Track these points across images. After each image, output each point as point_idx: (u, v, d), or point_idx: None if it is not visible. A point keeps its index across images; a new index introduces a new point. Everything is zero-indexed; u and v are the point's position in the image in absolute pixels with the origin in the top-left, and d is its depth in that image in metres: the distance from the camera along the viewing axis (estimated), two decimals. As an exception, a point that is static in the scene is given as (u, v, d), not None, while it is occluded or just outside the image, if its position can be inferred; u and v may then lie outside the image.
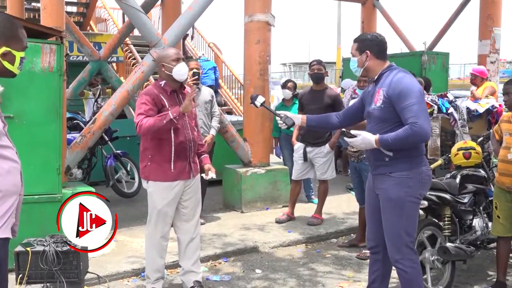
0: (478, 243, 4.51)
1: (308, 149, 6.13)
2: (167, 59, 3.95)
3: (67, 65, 5.09)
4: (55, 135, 4.74)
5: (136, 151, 4.88)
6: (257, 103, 3.83)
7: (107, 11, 15.87)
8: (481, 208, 4.66)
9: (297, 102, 6.71)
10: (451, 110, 6.63)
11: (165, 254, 4.17)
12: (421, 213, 4.54)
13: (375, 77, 3.44)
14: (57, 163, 4.74)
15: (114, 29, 14.90)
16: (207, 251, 5.12)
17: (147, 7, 8.89)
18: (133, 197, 7.33)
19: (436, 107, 6.59)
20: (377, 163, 3.42)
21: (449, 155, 4.89)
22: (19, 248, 3.86)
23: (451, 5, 11.74)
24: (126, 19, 10.99)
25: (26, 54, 2.48)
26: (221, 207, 7.04)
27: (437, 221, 4.35)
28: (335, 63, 31.49)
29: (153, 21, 13.52)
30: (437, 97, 6.80)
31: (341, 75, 11.49)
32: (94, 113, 7.90)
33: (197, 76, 5.75)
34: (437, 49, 10.66)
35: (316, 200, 6.76)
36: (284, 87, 7.73)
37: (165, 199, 3.96)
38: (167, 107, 3.88)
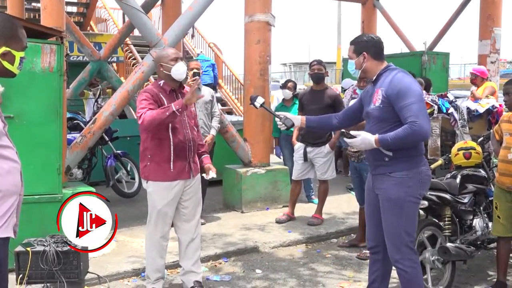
0: (478, 243, 4.51)
1: (308, 149, 6.13)
2: (165, 59, 3.95)
3: (67, 65, 5.09)
4: (55, 135, 4.74)
5: (136, 151, 4.87)
6: (257, 104, 3.82)
7: (107, 11, 15.88)
8: (481, 208, 4.66)
9: (297, 102, 6.71)
10: (451, 110, 6.63)
11: (165, 254, 4.17)
12: (422, 213, 4.55)
13: (374, 78, 3.46)
14: (57, 163, 4.75)
15: (114, 29, 14.91)
16: (207, 251, 5.12)
17: (147, 7, 8.89)
18: (133, 197, 7.33)
19: (436, 107, 6.58)
20: (376, 163, 3.42)
21: (449, 155, 4.89)
22: (20, 248, 3.86)
23: (451, 5, 11.74)
24: (126, 19, 10.98)
25: (26, 54, 2.48)
26: (221, 207, 7.04)
27: (437, 221, 4.35)
28: (335, 63, 31.50)
29: (153, 21, 13.54)
30: (437, 97, 6.79)
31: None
32: (94, 113, 7.90)
33: (197, 76, 5.75)
34: (437, 49, 10.66)
35: (316, 200, 6.76)
36: (284, 87, 7.72)
37: (165, 199, 3.96)
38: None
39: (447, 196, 4.24)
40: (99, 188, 6.39)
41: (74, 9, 14.18)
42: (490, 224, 4.57)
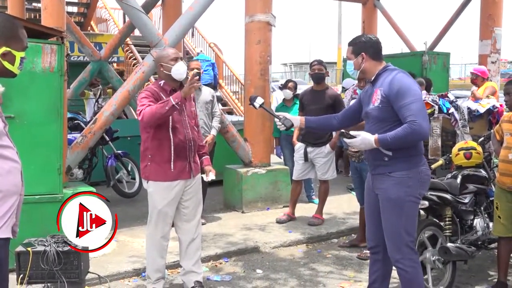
0: (479, 243, 4.51)
1: (309, 149, 6.13)
2: (165, 59, 3.95)
3: (68, 65, 5.09)
4: (56, 135, 4.74)
5: (136, 151, 4.87)
6: (256, 104, 3.82)
7: (107, 11, 15.88)
8: (482, 208, 4.66)
9: (298, 102, 6.71)
10: (452, 110, 6.63)
11: (166, 254, 4.17)
12: (422, 213, 4.55)
13: (372, 78, 3.46)
14: (58, 163, 4.75)
15: (114, 29, 14.91)
16: (208, 251, 5.12)
17: (148, 7, 8.89)
18: (134, 197, 7.34)
19: (437, 107, 6.58)
20: (376, 163, 3.42)
21: (450, 155, 4.89)
22: (20, 248, 3.86)
23: (452, 5, 11.74)
24: (126, 19, 11.00)
25: (27, 54, 2.48)
26: (222, 207, 7.04)
27: (438, 221, 4.35)
28: (335, 63, 31.52)
29: (154, 21, 13.53)
30: (438, 97, 6.79)
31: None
32: (95, 113, 7.90)
33: (198, 76, 5.75)
34: (438, 49, 10.65)
35: (316, 200, 6.76)
36: (284, 87, 7.72)
37: (165, 199, 3.96)
38: None
39: (448, 196, 4.24)
40: (99, 188, 6.40)
41: (74, 9, 14.18)
42: (490, 224, 4.57)
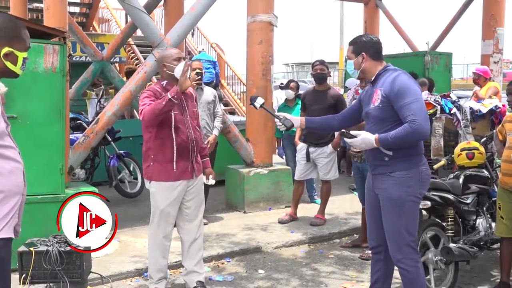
0: (481, 243, 4.50)
1: (311, 150, 6.13)
2: (168, 59, 3.95)
3: (70, 66, 5.10)
4: (58, 135, 4.74)
5: (139, 151, 4.87)
6: (257, 105, 3.82)
7: (110, 11, 15.91)
8: (484, 208, 4.65)
9: (300, 102, 6.71)
10: (454, 110, 6.61)
11: (168, 254, 4.17)
12: (424, 213, 4.54)
13: (372, 78, 3.47)
14: (60, 163, 4.75)
15: (117, 29, 14.93)
16: (210, 251, 5.12)
17: (150, 7, 8.90)
18: (136, 197, 7.34)
19: (439, 107, 6.56)
20: (376, 163, 3.43)
21: (452, 156, 4.88)
22: (22, 248, 3.86)
23: (454, 5, 11.71)
24: (129, 19, 11.01)
25: (29, 54, 2.49)
26: (224, 207, 7.04)
27: (440, 222, 4.34)
28: (337, 63, 31.46)
29: (156, 22, 13.55)
30: (440, 97, 6.78)
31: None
32: (97, 114, 7.90)
33: (200, 76, 5.75)
34: (440, 49, 10.64)
35: (318, 200, 6.76)
36: (286, 87, 7.71)
37: (168, 199, 3.96)
38: None
39: (450, 196, 4.23)
40: (102, 188, 6.40)
41: (77, 10, 14.20)
42: (493, 224, 4.56)
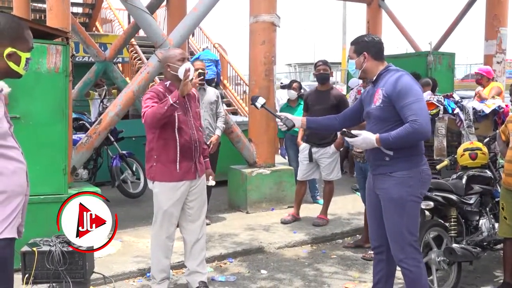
0: (484, 244, 4.49)
1: (313, 150, 6.13)
2: (172, 59, 3.95)
3: (73, 66, 5.11)
4: (61, 135, 4.75)
5: (141, 151, 4.88)
6: (258, 105, 3.83)
7: (112, 12, 15.92)
8: (487, 209, 4.64)
9: (302, 102, 6.70)
10: (457, 110, 6.60)
11: (171, 254, 4.18)
12: (427, 214, 4.54)
13: (374, 78, 3.47)
14: (63, 163, 4.76)
15: (119, 30, 14.94)
16: (212, 252, 5.12)
17: (153, 8, 8.91)
18: (139, 198, 7.35)
19: (442, 108, 6.55)
20: (377, 163, 3.43)
21: (455, 156, 4.87)
22: (25, 248, 3.87)
23: (457, 5, 11.69)
24: (131, 20, 11.01)
25: (32, 55, 2.49)
26: (226, 207, 7.04)
27: (443, 222, 4.33)
28: (340, 63, 31.43)
29: (159, 22, 13.56)
30: (443, 98, 6.77)
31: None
32: (99, 114, 7.93)
33: (202, 76, 5.76)
34: (443, 49, 10.62)
35: (321, 200, 6.75)
36: (289, 87, 7.71)
37: (171, 199, 3.96)
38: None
39: (453, 197, 4.22)
40: (104, 188, 6.41)
41: (79, 10, 14.22)
42: (496, 225, 4.55)
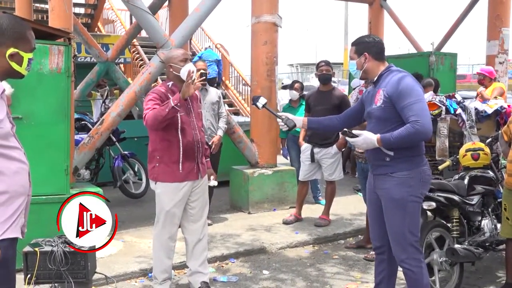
0: (486, 244, 4.48)
1: (315, 150, 6.12)
2: (175, 60, 3.96)
3: (75, 66, 5.11)
4: (63, 136, 4.76)
5: (143, 152, 4.88)
6: (259, 105, 3.83)
7: (114, 12, 15.95)
8: (489, 209, 4.63)
9: (304, 103, 6.70)
10: (459, 111, 6.59)
11: (173, 254, 4.18)
12: (429, 214, 4.53)
13: (375, 78, 3.47)
14: (65, 163, 4.76)
15: (121, 30, 14.97)
16: (214, 252, 5.12)
17: (155, 8, 8.92)
18: (141, 198, 7.35)
19: (444, 108, 6.54)
20: (377, 163, 3.43)
21: (457, 156, 4.86)
22: (28, 248, 3.87)
23: (459, 6, 11.68)
24: (133, 20, 11.03)
25: (34, 55, 2.49)
26: (228, 208, 7.04)
27: (445, 223, 4.33)
28: (342, 63, 31.43)
29: (161, 22, 13.56)
30: (445, 98, 6.76)
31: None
32: (101, 114, 7.93)
33: (204, 76, 5.76)
34: (445, 49, 10.61)
35: (323, 201, 6.75)
36: (291, 88, 7.71)
37: (173, 200, 3.96)
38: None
39: (455, 197, 4.22)
40: (106, 188, 6.42)
41: (81, 11, 14.24)
42: (498, 225, 4.54)
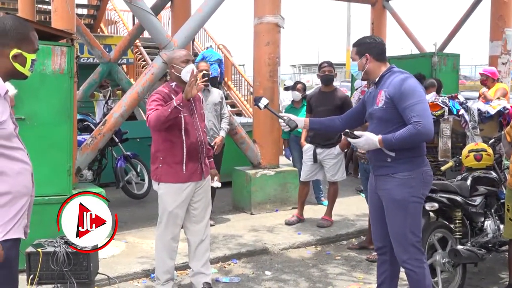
0: (489, 245, 4.47)
1: (318, 151, 6.12)
2: (177, 60, 3.96)
3: (77, 67, 5.12)
4: (66, 136, 4.77)
5: (146, 152, 4.88)
6: (261, 105, 3.83)
7: (117, 13, 15.97)
8: (492, 210, 4.62)
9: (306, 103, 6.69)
10: (462, 111, 6.58)
11: (175, 255, 4.18)
12: (432, 215, 4.52)
13: (376, 79, 3.47)
14: (67, 164, 4.77)
15: (124, 31, 14.97)
16: (216, 253, 5.12)
17: (157, 9, 8.92)
18: (143, 199, 7.35)
19: (446, 109, 6.54)
20: (378, 164, 3.43)
21: (460, 157, 4.85)
22: (30, 249, 3.88)
23: (462, 6, 11.66)
24: (136, 21, 11.05)
25: (37, 56, 2.49)
26: (231, 208, 7.04)
27: (448, 224, 4.32)
28: (344, 64, 31.43)
29: (163, 23, 13.58)
30: (447, 99, 6.75)
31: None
32: (104, 115, 7.94)
33: (206, 77, 5.76)
34: (447, 50, 10.59)
35: (325, 202, 6.74)
36: (293, 89, 7.71)
37: (176, 201, 3.96)
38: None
39: (458, 198, 4.21)
40: (109, 189, 6.42)
41: (84, 12, 14.25)
42: (501, 226, 4.53)
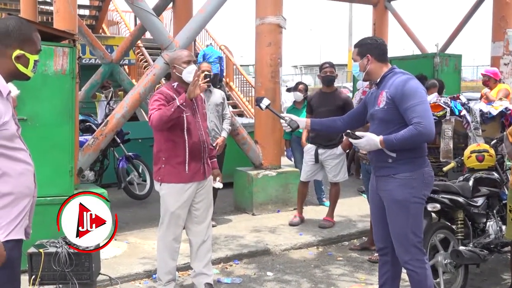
0: (491, 246, 4.46)
1: (320, 151, 6.12)
2: (178, 61, 3.96)
3: (79, 68, 5.13)
4: (68, 137, 4.77)
5: (148, 153, 4.88)
6: (262, 106, 3.83)
7: (119, 14, 15.97)
8: (494, 211, 4.61)
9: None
10: (464, 112, 6.57)
11: (177, 256, 4.18)
12: (434, 216, 4.51)
13: (378, 80, 3.47)
14: (69, 165, 4.78)
15: (126, 32, 14.98)
16: (218, 254, 5.12)
17: (159, 9, 8.93)
18: (145, 199, 7.35)
19: (448, 110, 6.53)
20: (379, 165, 3.43)
21: (462, 158, 4.85)
22: (32, 249, 3.88)
23: (464, 7, 11.66)
24: (138, 22, 11.05)
25: (39, 57, 2.50)
26: (232, 209, 7.04)
27: (450, 225, 4.32)
28: (346, 65, 31.42)
29: (165, 24, 13.59)
30: (449, 99, 6.74)
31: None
32: (106, 116, 7.94)
33: (208, 78, 5.76)
34: (449, 51, 10.58)
35: (327, 202, 6.74)
36: (295, 89, 7.71)
37: (178, 201, 3.96)
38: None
39: (460, 199, 4.21)
40: (111, 190, 6.42)
41: (86, 12, 14.26)
42: (503, 227, 4.52)
